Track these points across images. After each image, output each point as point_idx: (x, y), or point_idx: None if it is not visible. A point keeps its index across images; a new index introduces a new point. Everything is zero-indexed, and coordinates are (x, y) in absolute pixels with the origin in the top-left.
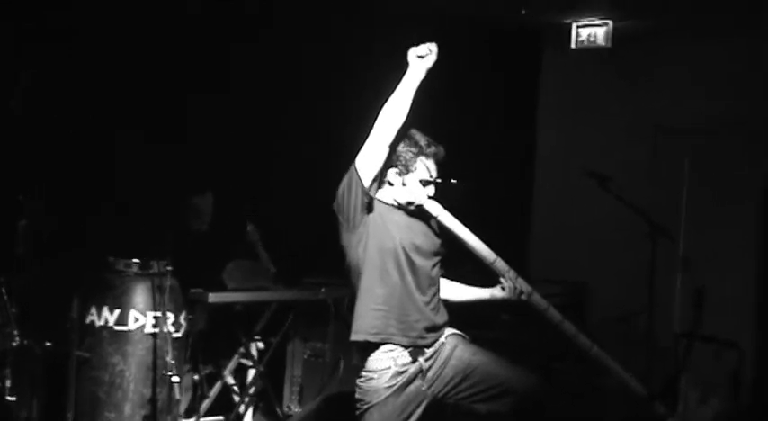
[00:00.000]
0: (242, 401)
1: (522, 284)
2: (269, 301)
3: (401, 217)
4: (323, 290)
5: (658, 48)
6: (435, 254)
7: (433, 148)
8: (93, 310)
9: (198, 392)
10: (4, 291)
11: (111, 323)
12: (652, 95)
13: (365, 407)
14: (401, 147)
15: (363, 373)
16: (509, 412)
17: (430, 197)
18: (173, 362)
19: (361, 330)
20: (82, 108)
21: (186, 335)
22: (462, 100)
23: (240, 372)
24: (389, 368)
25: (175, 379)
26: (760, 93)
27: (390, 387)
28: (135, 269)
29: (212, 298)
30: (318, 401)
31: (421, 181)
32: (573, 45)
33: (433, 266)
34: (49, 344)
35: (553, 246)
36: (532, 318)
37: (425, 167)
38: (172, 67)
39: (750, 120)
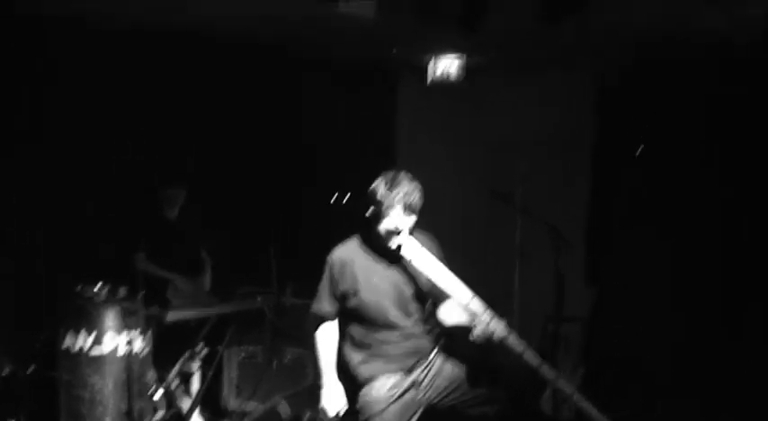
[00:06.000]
0: (191, 402)
1: (497, 327)
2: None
3: (383, 271)
4: (259, 299)
5: (496, 79)
6: (420, 299)
7: (404, 199)
8: (69, 335)
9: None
10: None
11: (87, 347)
12: (489, 117)
13: (367, 416)
14: (379, 192)
15: (364, 386)
16: (496, 416)
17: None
18: (152, 379)
19: (358, 375)
20: None
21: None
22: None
23: (183, 378)
24: (387, 381)
25: (158, 394)
26: (575, 119)
27: (389, 398)
28: (103, 295)
29: (170, 316)
30: (277, 399)
31: (388, 230)
32: (429, 79)
33: (415, 310)
34: (31, 369)
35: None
36: None
37: (392, 217)
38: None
39: (570, 141)
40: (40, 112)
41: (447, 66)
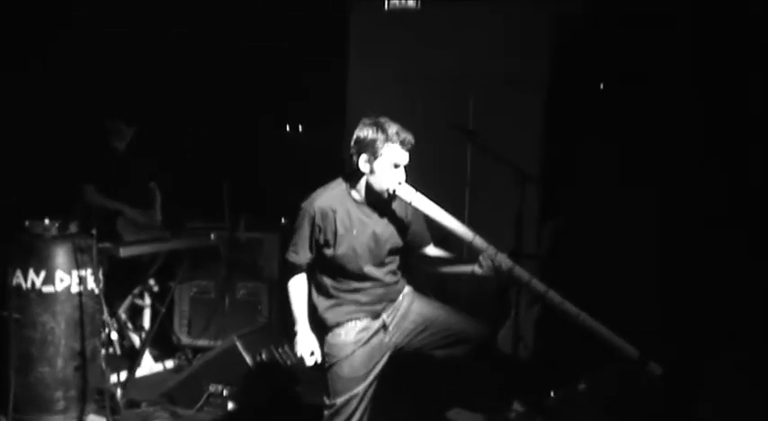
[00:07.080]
0: (141, 339)
1: (503, 260)
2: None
3: (363, 223)
4: (212, 235)
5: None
6: (397, 249)
7: (399, 135)
8: (19, 273)
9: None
10: None
11: (38, 285)
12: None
13: (335, 360)
14: (370, 134)
15: (332, 330)
16: (464, 357)
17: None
18: (108, 318)
19: (326, 319)
20: None
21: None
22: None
23: (132, 312)
24: (355, 325)
25: (114, 335)
26: (530, 53)
27: (357, 342)
28: (54, 231)
29: (123, 252)
30: (233, 339)
31: (390, 165)
32: (386, 7)
33: (390, 261)
34: None
35: None
36: None
37: (392, 151)
38: None
39: (524, 77)
40: None
41: None
